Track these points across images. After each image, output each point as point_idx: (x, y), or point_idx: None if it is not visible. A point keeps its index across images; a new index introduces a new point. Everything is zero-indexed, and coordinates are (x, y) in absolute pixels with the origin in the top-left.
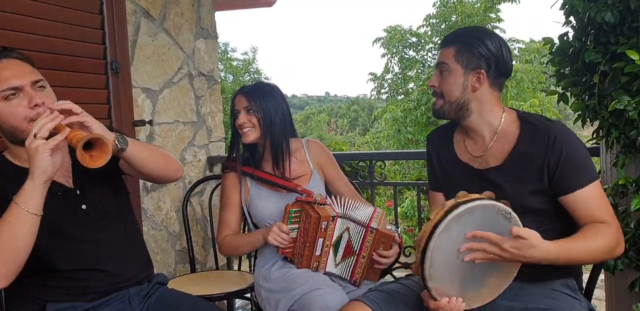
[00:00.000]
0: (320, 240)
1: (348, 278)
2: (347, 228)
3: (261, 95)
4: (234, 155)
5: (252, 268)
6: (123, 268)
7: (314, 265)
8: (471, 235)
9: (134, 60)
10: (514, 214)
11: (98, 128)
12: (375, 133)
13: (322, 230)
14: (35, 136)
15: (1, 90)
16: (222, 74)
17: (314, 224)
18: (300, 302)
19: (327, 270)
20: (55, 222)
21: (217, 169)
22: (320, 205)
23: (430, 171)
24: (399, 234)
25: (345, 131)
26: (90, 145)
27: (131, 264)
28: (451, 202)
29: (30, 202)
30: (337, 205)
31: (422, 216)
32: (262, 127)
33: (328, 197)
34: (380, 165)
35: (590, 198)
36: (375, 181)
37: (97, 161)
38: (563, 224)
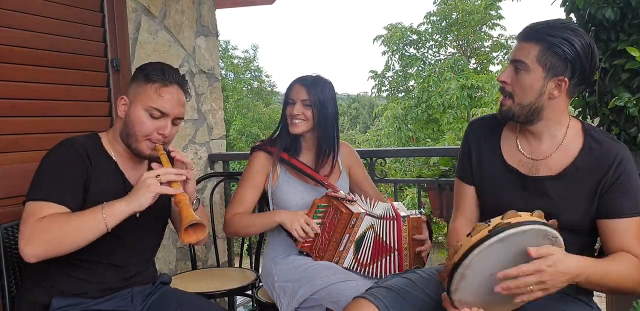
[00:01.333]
0: (347, 236)
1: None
2: (372, 226)
3: (321, 91)
4: (276, 139)
5: (253, 265)
6: (139, 272)
7: (335, 260)
8: (503, 275)
9: (135, 58)
10: (560, 238)
11: (192, 188)
12: (376, 131)
13: (350, 227)
14: (157, 176)
15: (154, 106)
16: (223, 72)
17: (344, 220)
18: (326, 291)
19: (344, 265)
20: None
21: (218, 167)
22: (349, 201)
23: (462, 160)
24: (423, 213)
25: (345, 129)
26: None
27: (145, 270)
28: (498, 220)
29: (112, 217)
30: (364, 202)
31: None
32: (315, 122)
33: (354, 195)
34: (381, 163)
35: (630, 230)
36: (375, 178)
37: (190, 237)
38: (592, 242)
